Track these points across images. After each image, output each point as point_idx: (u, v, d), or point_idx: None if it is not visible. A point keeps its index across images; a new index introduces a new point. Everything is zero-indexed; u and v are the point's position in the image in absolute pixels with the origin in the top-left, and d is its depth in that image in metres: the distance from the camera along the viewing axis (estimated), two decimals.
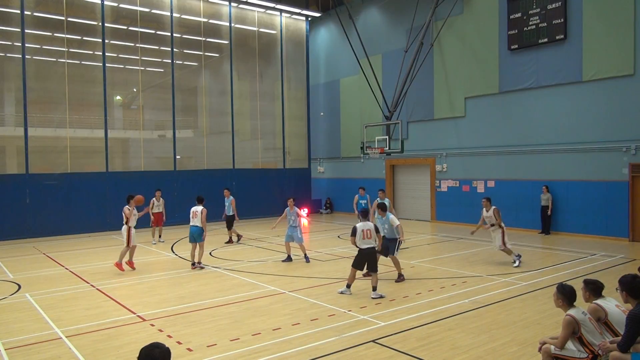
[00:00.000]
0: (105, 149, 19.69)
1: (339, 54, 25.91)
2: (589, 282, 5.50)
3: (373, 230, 9.29)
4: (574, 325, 5.07)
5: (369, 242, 9.21)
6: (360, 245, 9.20)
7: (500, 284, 10.00)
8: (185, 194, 21.43)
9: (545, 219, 16.99)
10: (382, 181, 23.86)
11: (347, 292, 9.31)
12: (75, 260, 13.73)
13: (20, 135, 18.10)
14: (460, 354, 6.29)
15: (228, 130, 23.35)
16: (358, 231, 9.20)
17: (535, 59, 17.45)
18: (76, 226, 18.74)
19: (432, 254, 13.67)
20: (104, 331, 7.41)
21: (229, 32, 23.24)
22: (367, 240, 9.20)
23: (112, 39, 20.35)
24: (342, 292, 9.34)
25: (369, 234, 9.22)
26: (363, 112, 24.46)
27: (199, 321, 7.83)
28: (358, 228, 9.23)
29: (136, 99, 21.75)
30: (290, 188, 25.26)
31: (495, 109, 18.95)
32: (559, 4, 16.59)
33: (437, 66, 20.99)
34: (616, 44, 15.37)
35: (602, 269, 11.37)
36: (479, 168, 19.63)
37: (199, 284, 10.50)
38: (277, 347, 6.59)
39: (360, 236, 9.19)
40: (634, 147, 15.15)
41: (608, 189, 15.77)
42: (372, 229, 9.30)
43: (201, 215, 11.87)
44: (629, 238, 15.30)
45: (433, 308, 8.31)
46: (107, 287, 10.35)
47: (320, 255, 13.78)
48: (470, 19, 19.63)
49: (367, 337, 6.91)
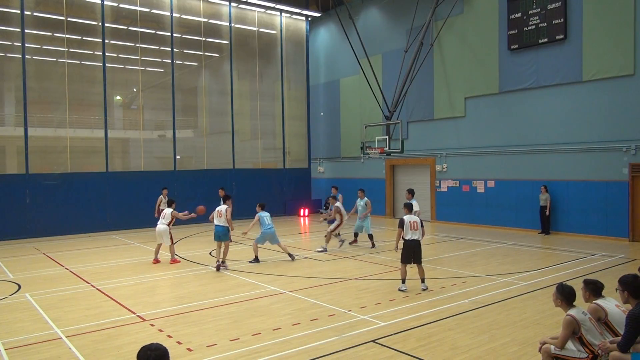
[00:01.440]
0: (105, 149, 19.69)
1: (339, 54, 25.91)
2: (589, 282, 5.50)
3: (419, 222, 9.68)
4: (575, 325, 5.07)
5: (414, 234, 9.55)
6: (407, 236, 9.52)
7: (500, 284, 10.00)
8: (185, 194, 21.44)
9: (544, 219, 16.98)
10: (382, 181, 23.87)
11: (404, 288, 9.49)
12: (75, 260, 13.72)
13: (20, 135, 18.10)
14: (460, 354, 6.29)
15: (228, 130, 23.35)
16: (405, 222, 9.54)
17: (535, 59, 17.45)
18: (76, 226, 18.73)
19: (432, 254, 13.67)
20: (104, 331, 7.41)
21: (229, 32, 23.24)
22: (414, 232, 9.56)
23: (112, 39, 20.35)
24: (400, 289, 9.50)
25: (415, 226, 9.59)
26: (363, 112, 24.46)
27: (199, 321, 7.83)
28: (405, 220, 9.55)
29: (136, 99, 21.74)
30: (290, 188, 25.29)
31: (495, 109, 18.95)
32: (559, 4, 16.59)
33: (437, 66, 20.99)
34: (616, 44, 15.37)
35: (602, 269, 11.36)
36: (479, 168, 19.63)
37: (199, 284, 10.50)
38: (277, 347, 6.59)
39: (408, 227, 9.52)
40: (634, 147, 15.15)
41: (608, 189, 15.76)
42: (418, 221, 9.69)
43: (226, 214, 12.08)
44: (629, 238, 15.29)
45: (433, 308, 8.31)
46: (107, 287, 10.35)
47: (320, 255, 13.78)
48: (470, 19, 19.63)
49: (367, 337, 6.91)
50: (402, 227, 9.55)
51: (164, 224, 12.87)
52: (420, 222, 9.69)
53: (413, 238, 9.50)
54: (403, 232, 9.54)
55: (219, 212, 12.18)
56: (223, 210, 12.15)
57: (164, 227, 12.85)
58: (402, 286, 9.53)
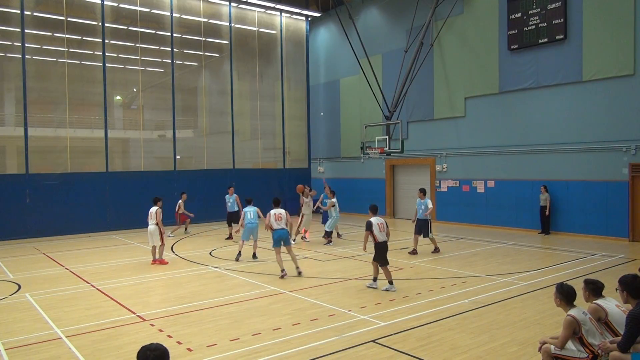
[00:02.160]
0: (105, 149, 19.69)
1: (339, 54, 25.91)
2: (589, 282, 5.51)
3: (385, 224, 9.85)
4: (575, 325, 5.06)
5: (382, 235, 9.73)
6: (379, 238, 9.67)
7: (500, 284, 10.00)
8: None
9: (544, 219, 16.98)
10: (382, 181, 23.87)
11: (374, 286, 9.71)
12: (75, 260, 13.73)
13: (20, 135, 18.09)
14: (460, 354, 6.29)
15: (228, 130, 23.35)
16: (374, 224, 9.68)
17: (535, 59, 17.44)
18: (76, 226, 18.74)
19: (432, 254, 13.67)
20: (104, 331, 7.41)
21: (229, 32, 23.24)
22: (382, 234, 9.72)
23: (112, 39, 20.35)
24: (370, 286, 9.74)
25: (382, 227, 9.75)
26: (363, 112, 24.46)
27: (199, 321, 7.83)
28: (373, 222, 9.68)
29: (136, 99, 21.74)
30: (290, 188, 25.26)
31: (495, 109, 18.94)
32: (559, 4, 16.59)
33: (437, 66, 20.98)
34: (616, 44, 15.37)
35: (602, 269, 11.36)
36: (479, 168, 19.63)
37: (199, 284, 10.50)
38: (277, 347, 6.59)
39: (377, 229, 9.67)
40: (634, 147, 15.15)
41: (608, 189, 15.77)
42: (385, 223, 9.88)
43: (286, 217, 11.30)
44: (629, 238, 15.29)
45: (433, 308, 8.31)
46: (107, 287, 10.35)
47: (320, 255, 13.78)
48: (470, 19, 19.62)
49: (367, 337, 6.91)
50: (370, 229, 9.62)
51: (153, 224, 12.67)
52: (386, 224, 9.88)
53: (383, 240, 9.69)
54: (374, 233, 9.60)
55: (279, 216, 11.12)
56: (283, 213, 11.24)
57: (153, 227, 12.65)
58: (373, 284, 9.77)
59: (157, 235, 12.66)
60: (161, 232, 12.70)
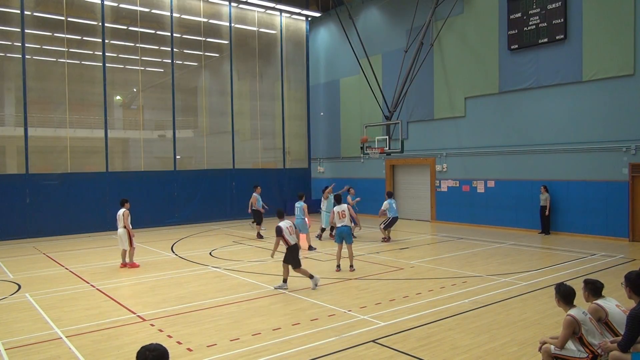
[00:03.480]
0: (105, 149, 19.69)
1: (339, 54, 25.90)
2: (589, 282, 5.52)
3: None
4: (575, 325, 5.07)
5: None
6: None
7: (500, 284, 10.00)
8: (185, 194, 21.46)
9: (544, 219, 16.98)
10: (382, 181, 23.87)
11: (284, 287, 9.86)
12: (75, 260, 13.73)
13: (20, 135, 18.10)
14: (460, 354, 6.29)
15: (228, 130, 23.35)
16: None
17: (535, 59, 17.44)
18: (76, 226, 18.73)
19: (432, 254, 13.67)
20: (104, 331, 7.41)
21: (229, 32, 23.24)
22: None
23: (112, 39, 20.35)
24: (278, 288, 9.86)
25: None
26: (363, 112, 24.46)
27: (199, 321, 7.83)
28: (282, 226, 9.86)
29: (136, 99, 21.74)
30: (290, 188, 25.26)
31: (495, 109, 18.94)
32: (559, 4, 16.59)
33: (437, 66, 20.98)
34: (616, 44, 15.37)
35: (602, 269, 11.36)
36: (479, 168, 19.63)
37: (199, 284, 10.50)
38: (277, 347, 6.59)
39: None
40: (634, 147, 15.15)
41: (608, 189, 15.76)
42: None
43: (349, 212, 11.52)
44: (629, 238, 15.29)
45: (433, 308, 8.31)
46: (107, 287, 10.35)
47: (320, 255, 13.78)
48: (470, 19, 19.62)
49: (367, 337, 6.91)
50: (281, 234, 9.69)
51: (121, 227, 12.32)
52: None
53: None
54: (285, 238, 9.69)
55: (342, 213, 11.43)
56: (346, 209, 11.48)
57: (122, 230, 12.32)
58: (284, 285, 9.87)
59: (126, 238, 12.30)
60: (130, 235, 12.33)
